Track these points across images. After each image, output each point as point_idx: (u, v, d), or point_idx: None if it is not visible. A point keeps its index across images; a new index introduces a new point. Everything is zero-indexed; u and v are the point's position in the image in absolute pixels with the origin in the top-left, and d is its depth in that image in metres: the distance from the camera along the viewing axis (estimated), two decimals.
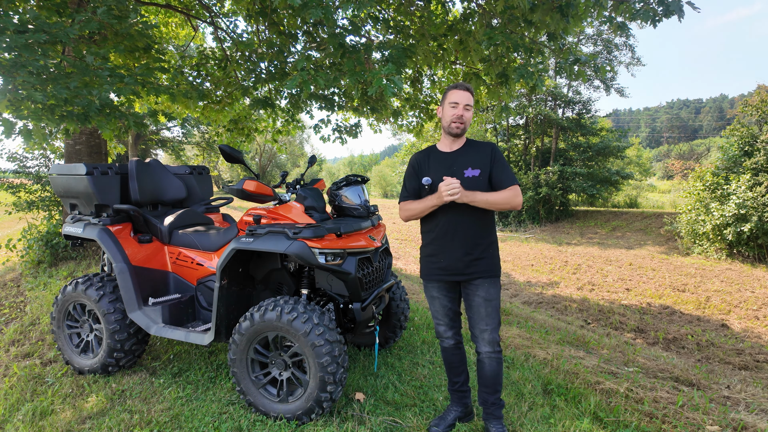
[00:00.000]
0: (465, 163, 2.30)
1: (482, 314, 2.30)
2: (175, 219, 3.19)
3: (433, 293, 2.44)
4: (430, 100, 6.64)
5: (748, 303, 7.32)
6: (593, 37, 18.95)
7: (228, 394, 2.78)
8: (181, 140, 22.87)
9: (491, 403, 2.37)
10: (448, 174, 2.29)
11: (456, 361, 2.49)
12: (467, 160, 2.31)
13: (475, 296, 2.31)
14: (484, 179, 2.27)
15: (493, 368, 2.32)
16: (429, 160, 2.39)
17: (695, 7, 3.48)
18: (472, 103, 2.30)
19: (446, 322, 2.45)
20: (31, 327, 4.04)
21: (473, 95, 2.33)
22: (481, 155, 2.31)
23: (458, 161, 2.32)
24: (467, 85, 2.32)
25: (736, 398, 3.24)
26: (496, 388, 2.35)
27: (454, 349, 2.48)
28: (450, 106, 2.30)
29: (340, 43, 3.84)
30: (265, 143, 29.33)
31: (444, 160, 2.35)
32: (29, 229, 6.38)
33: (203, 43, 8.06)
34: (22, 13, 3.34)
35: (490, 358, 2.32)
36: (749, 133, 11.77)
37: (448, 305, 2.43)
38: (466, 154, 2.33)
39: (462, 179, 2.25)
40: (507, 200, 2.21)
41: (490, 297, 2.29)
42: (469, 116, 2.31)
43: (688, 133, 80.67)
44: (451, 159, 2.34)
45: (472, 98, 2.31)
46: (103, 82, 3.50)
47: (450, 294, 2.42)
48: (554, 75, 18.14)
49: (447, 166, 2.33)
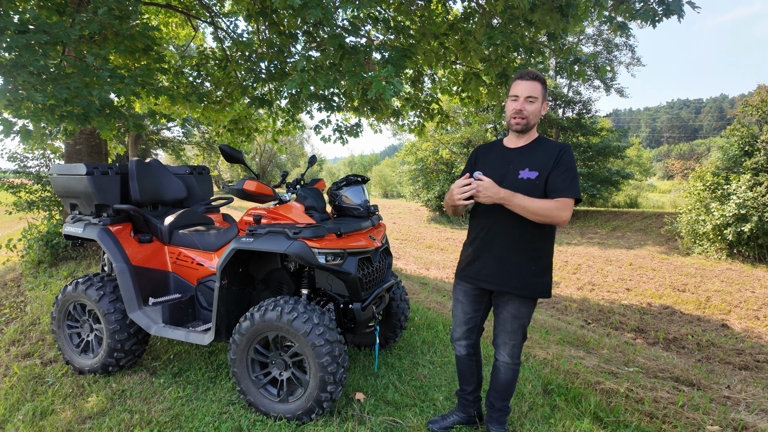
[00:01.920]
0: (524, 162, 2.05)
1: (507, 329, 2.17)
2: (175, 219, 3.19)
3: (459, 296, 2.31)
4: (430, 100, 6.64)
5: (749, 303, 7.31)
6: (593, 37, 18.97)
7: (228, 394, 2.78)
8: (182, 140, 22.86)
9: (498, 408, 2.32)
10: (502, 171, 2.08)
11: (467, 371, 2.40)
12: (528, 159, 2.05)
13: (504, 311, 2.16)
14: (542, 183, 1.99)
15: (507, 377, 2.26)
16: (488, 155, 2.20)
17: (695, 6, 3.46)
18: (537, 93, 2.01)
19: (463, 330, 2.32)
20: (31, 327, 4.04)
21: (543, 84, 2.03)
22: (546, 156, 2.02)
23: (517, 159, 2.08)
24: (535, 73, 2.02)
25: (737, 398, 3.23)
26: (506, 396, 2.30)
27: (466, 359, 2.38)
28: (511, 99, 2.06)
29: (339, 44, 3.83)
30: (265, 143, 29.35)
31: (503, 157, 2.14)
32: (29, 229, 6.39)
33: (203, 43, 8.06)
34: (22, 13, 3.34)
35: (506, 367, 2.24)
36: (749, 133, 11.76)
37: (470, 314, 2.28)
38: (529, 152, 2.08)
39: (515, 180, 2.03)
40: (548, 212, 1.90)
41: (519, 316, 2.12)
42: (533, 109, 2.03)
43: (688, 133, 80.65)
44: (510, 156, 2.12)
45: (539, 88, 2.01)
46: (104, 82, 3.50)
47: (475, 304, 2.26)
48: (554, 75, 18.13)
49: (504, 164, 2.10)
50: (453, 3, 5.84)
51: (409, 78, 6.33)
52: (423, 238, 14.63)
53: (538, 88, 2.02)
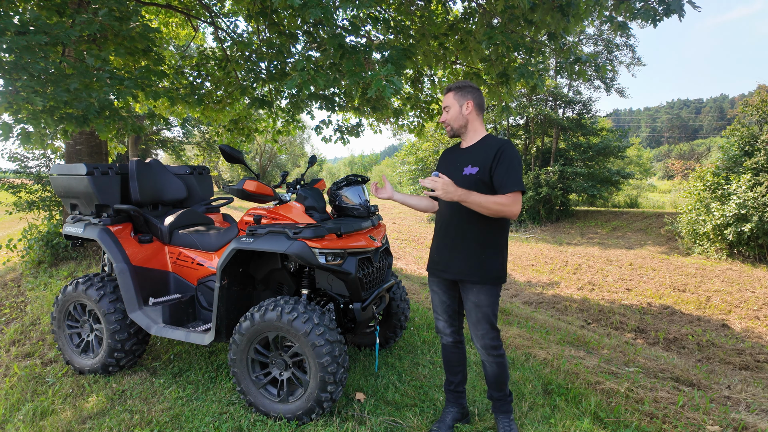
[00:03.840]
0: (467, 160, 2.24)
1: (472, 319, 2.27)
2: (175, 219, 3.19)
3: (433, 287, 2.45)
4: (430, 100, 6.64)
5: (749, 303, 7.31)
6: (594, 37, 18.94)
7: (228, 394, 2.78)
8: (182, 140, 22.86)
9: (497, 399, 2.41)
10: (451, 169, 2.27)
11: (454, 360, 2.49)
12: (472, 156, 2.25)
13: (467, 300, 2.27)
14: (483, 178, 2.16)
15: (492, 370, 2.33)
16: (449, 155, 2.41)
17: (696, 5, 3.46)
18: (449, 103, 2.27)
19: (445, 318, 2.44)
20: (31, 327, 4.04)
21: (454, 90, 2.27)
22: (485, 153, 2.20)
23: (463, 157, 2.28)
24: (449, 86, 2.30)
25: (737, 398, 3.23)
26: (500, 387, 2.37)
27: (452, 347, 2.47)
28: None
29: (339, 44, 3.83)
30: (265, 143, 29.35)
31: (453, 156, 2.35)
32: (30, 229, 6.39)
33: (203, 43, 8.07)
34: (22, 14, 3.34)
35: (488, 361, 2.32)
36: (749, 133, 11.76)
37: (447, 302, 2.41)
38: (474, 151, 2.26)
39: (460, 177, 2.20)
40: (500, 207, 2.05)
41: (480, 303, 2.22)
42: (449, 117, 2.28)
43: (688, 133, 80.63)
44: (460, 155, 2.31)
45: (450, 97, 2.27)
46: (103, 84, 3.50)
47: (449, 291, 2.39)
48: (555, 75, 18.13)
49: (452, 162, 2.32)
50: (453, 3, 5.85)
51: (409, 78, 6.33)
52: (423, 238, 14.62)
53: (449, 98, 2.28)
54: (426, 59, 5.24)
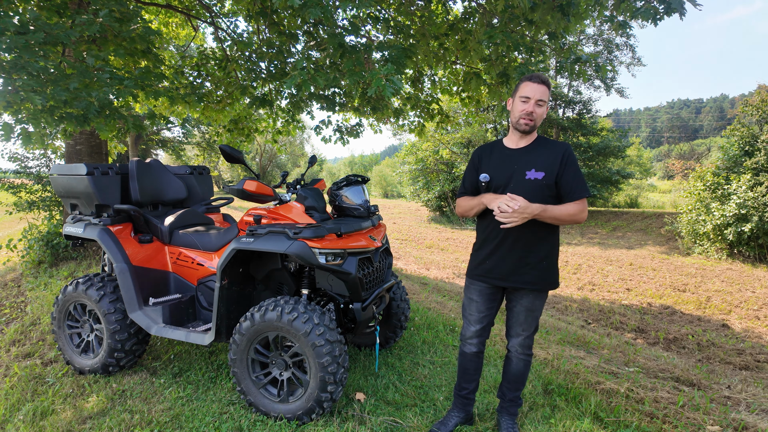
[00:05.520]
0: (529, 163, 2.10)
1: (521, 320, 2.26)
2: (175, 219, 3.19)
3: (473, 296, 2.33)
4: (430, 100, 6.64)
5: (749, 303, 7.31)
6: (594, 37, 18.95)
7: (228, 394, 2.78)
8: (182, 140, 22.87)
9: (509, 399, 2.41)
10: (508, 172, 2.13)
11: (472, 368, 2.44)
12: (533, 159, 2.11)
13: (518, 304, 2.24)
14: (549, 183, 2.06)
15: (519, 368, 2.34)
16: (491, 156, 2.23)
17: (697, 3, 3.43)
18: (546, 98, 2.10)
19: (476, 328, 2.34)
20: (31, 327, 4.04)
21: (549, 88, 2.13)
22: (550, 156, 2.09)
23: (522, 160, 2.13)
24: (543, 77, 2.10)
25: (737, 398, 3.23)
26: (518, 387, 2.39)
27: (473, 356, 2.41)
28: (521, 100, 2.11)
29: (339, 44, 3.83)
30: (265, 143, 29.36)
31: (507, 158, 2.18)
32: (30, 229, 6.39)
33: (203, 43, 8.07)
34: (22, 14, 3.34)
35: (518, 358, 2.33)
36: (750, 132, 11.75)
37: (484, 312, 2.31)
38: (533, 153, 2.13)
39: (523, 181, 2.09)
40: (573, 216, 2.01)
41: (534, 308, 2.22)
42: (541, 112, 2.11)
43: (688, 132, 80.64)
44: (515, 157, 2.16)
45: (547, 92, 2.10)
46: (103, 84, 3.49)
47: (489, 302, 2.30)
48: (555, 75, 18.12)
49: (509, 164, 2.15)
50: (453, 3, 5.84)
51: (409, 78, 6.33)
52: (423, 238, 14.62)
53: (546, 93, 2.11)
54: (426, 59, 5.24)
